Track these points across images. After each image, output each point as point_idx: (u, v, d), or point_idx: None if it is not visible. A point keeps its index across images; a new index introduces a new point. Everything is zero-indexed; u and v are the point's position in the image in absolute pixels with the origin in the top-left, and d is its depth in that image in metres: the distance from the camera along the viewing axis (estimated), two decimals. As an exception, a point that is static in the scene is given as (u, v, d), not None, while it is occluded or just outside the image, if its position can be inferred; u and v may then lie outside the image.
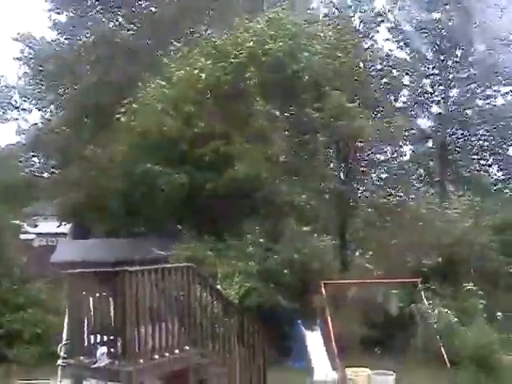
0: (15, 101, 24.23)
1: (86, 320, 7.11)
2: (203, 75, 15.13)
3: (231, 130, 15.08)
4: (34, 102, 24.38)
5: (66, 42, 23.31)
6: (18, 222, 18.30)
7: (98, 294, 7.09)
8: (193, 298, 7.82)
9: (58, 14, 23.01)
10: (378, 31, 19.81)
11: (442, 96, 21.26)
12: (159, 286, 7.28)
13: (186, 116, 15.36)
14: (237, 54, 15.12)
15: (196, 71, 15.31)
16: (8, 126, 24.53)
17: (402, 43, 20.95)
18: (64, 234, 23.89)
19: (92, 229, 22.47)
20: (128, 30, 22.88)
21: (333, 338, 11.48)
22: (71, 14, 22.98)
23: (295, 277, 12.50)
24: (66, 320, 7.77)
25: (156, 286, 7.21)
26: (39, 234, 23.25)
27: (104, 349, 6.79)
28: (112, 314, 6.93)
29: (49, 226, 24.09)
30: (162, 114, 15.47)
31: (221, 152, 14.64)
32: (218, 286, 9.70)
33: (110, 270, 7.23)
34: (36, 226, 20.90)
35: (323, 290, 12.25)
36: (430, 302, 12.27)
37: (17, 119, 24.63)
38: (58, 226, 23.00)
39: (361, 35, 17.89)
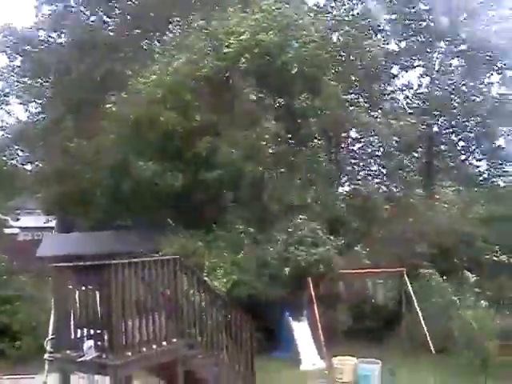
0: None
1: (72, 313, 7.05)
2: (197, 64, 15.03)
3: (222, 119, 15.04)
4: (16, 94, 24.00)
5: (50, 34, 22.97)
6: (1, 215, 18.10)
7: (83, 288, 7.03)
8: (179, 290, 7.80)
9: (43, 5, 22.63)
10: (370, 24, 19.70)
11: (429, 87, 21.34)
12: (145, 279, 7.25)
13: (178, 105, 15.27)
14: (230, 43, 15.02)
15: (192, 57, 15.21)
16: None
17: (390, 34, 20.95)
18: (50, 228, 23.67)
19: (77, 222, 22.30)
20: (114, 21, 22.62)
21: (320, 328, 11.57)
22: (55, 7, 22.64)
23: (284, 268, 12.52)
24: (53, 314, 7.71)
25: (142, 279, 7.18)
26: (24, 228, 23.02)
27: (91, 342, 6.75)
28: (98, 307, 6.89)
29: (33, 219, 23.87)
30: (153, 103, 15.33)
31: (211, 143, 14.59)
32: (206, 278, 9.69)
33: (96, 263, 7.17)
34: (18, 219, 20.68)
35: (310, 281, 12.32)
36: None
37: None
38: (46, 222, 22.81)
39: (351, 27, 17.83)
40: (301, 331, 12.08)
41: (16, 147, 23.31)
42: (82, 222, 21.75)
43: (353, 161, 20.43)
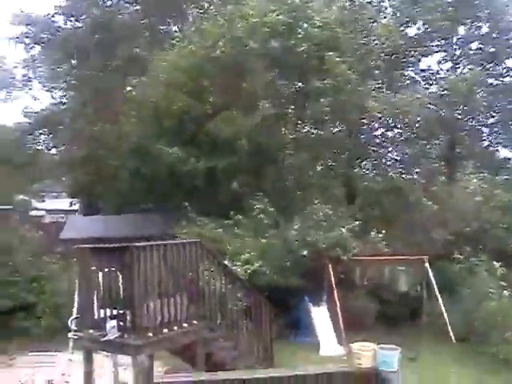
0: (21, 79, 24.09)
1: (95, 294, 7.21)
2: (213, 47, 15.04)
3: (238, 102, 15.02)
4: (39, 80, 24.28)
5: (69, 19, 23.05)
6: (27, 198, 18.47)
7: (106, 269, 7.18)
8: (201, 273, 7.91)
9: None
10: (385, 7, 19.33)
11: (450, 72, 20.87)
12: (167, 261, 7.36)
13: (194, 88, 15.31)
14: (240, 26, 14.98)
15: (207, 42, 15.21)
16: (15, 104, 24.32)
17: (407, 19, 20.46)
18: (74, 211, 24.09)
19: (100, 205, 22.64)
20: (132, 5, 22.60)
21: (339, 313, 11.59)
22: None
23: (303, 252, 12.52)
24: (77, 294, 7.89)
25: (164, 261, 7.29)
26: (49, 211, 23.48)
27: (113, 322, 6.91)
28: (121, 288, 7.03)
29: (58, 202, 24.31)
30: (171, 86, 15.40)
31: (229, 128, 14.60)
32: (226, 262, 9.77)
33: (119, 245, 7.30)
34: (43, 201, 21.08)
35: (330, 266, 12.31)
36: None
37: (22, 97, 24.53)
38: (70, 205, 23.20)
39: (366, 11, 17.50)
40: (320, 316, 12.11)
41: (40, 132, 23.68)
42: (105, 205, 22.08)
43: (373, 147, 20.15)
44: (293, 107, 15.12)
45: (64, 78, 23.05)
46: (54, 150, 24.26)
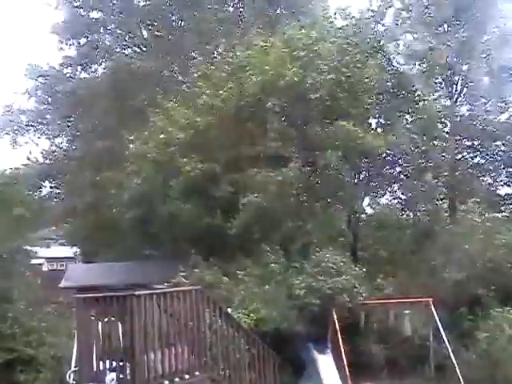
0: (26, 125, 24.48)
1: (94, 345, 7.06)
2: (222, 97, 15.18)
3: (246, 156, 15.03)
4: (44, 127, 24.66)
5: (77, 72, 23.61)
6: (28, 246, 18.36)
7: (106, 319, 7.05)
8: (202, 322, 7.76)
9: (68, 45, 23.24)
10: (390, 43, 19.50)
11: (451, 109, 21.01)
12: (168, 310, 7.23)
13: (201, 142, 15.33)
14: (251, 78, 15.07)
15: (217, 92, 15.37)
16: (19, 150, 24.61)
17: (411, 58, 20.71)
18: (73, 258, 23.95)
19: (101, 253, 22.51)
20: (137, 54, 23.11)
21: (344, 359, 11.30)
22: (80, 46, 23.25)
23: (308, 299, 12.34)
24: (75, 345, 7.72)
25: (165, 311, 7.17)
26: (49, 259, 23.34)
27: (113, 375, 6.73)
28: (121, 339, 6.88)
29: (58, 250, 24.19)
30: (174, 143, 15.49)
31: (237, 180, 14.58)
32: (229, 310, 9.59)
33: (118, 294, 7.20)
34: (48, 247, 21.02)
35: (334, 312, 12.11)
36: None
37: (27, 143, 24.85)
38: (76, 253, 23.05)
39: (372, 50, 17.82)
40: (325, 364, 11.79)
41: (42, 178, 23.85)
42: (105, 253, 21.95)
43: (375, 184, 20.14)
44: (295, 151, 15.20)
45: (71, 127, 23.42)
46: (55, 197, 24.40)
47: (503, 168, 21.21)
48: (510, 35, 18.62)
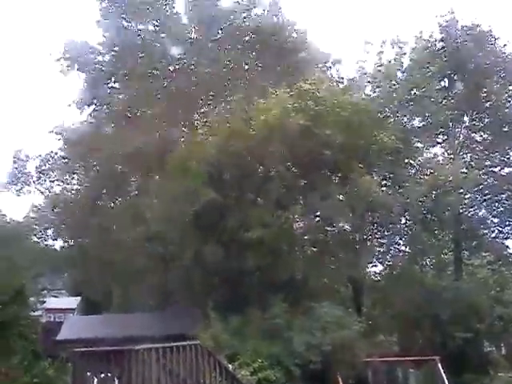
0: (31, 175, 24.61)
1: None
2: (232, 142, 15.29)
3: (253, 199, 15.03)
4: (50, 176, 24.79)
5: (88, 118, 23.83)
6: (32, 298, 18.13)
7: (102, 375, 6.83)
8: (202, 379, 7.51)
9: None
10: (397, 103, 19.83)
11: (454, 162, 21.04)
12: (167, 366, 7.01)
13: (217, 186, 15.32)
14: (260, 124, 15.18)
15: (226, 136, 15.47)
16: (24, 198, 24.59)
17: (412, 112, 21.01)
18: (72, 310, 23.52)
19: (101, 304, 22.11)
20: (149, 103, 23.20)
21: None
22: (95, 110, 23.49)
23: (312, 355, 11.98)
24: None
25: (163, 366, 6.95)
26: (47, 310, 22.93)
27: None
28: (117, 396, 6.64)
29: (57, 301, 23.81)
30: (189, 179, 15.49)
31: (243, 226, 14.52)
32: (230, 366, 9.29)
33: (116, 348, 7.01)
34: (44, 302, 20.66)
35: (338, 369, 11.76)
36: None
37: (30, 192, 24.90)
38: (78, 307, 22.56)
39: (381, 108, 18.17)
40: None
41: (46, 226, 23.78)
42: (105, 304, 21.58)
43: (381, 241, 19.97)
44: (302, 202, 15.20)
45: (79, 173, 23.42)
46: (57, 247, 24.24)
47: (509, 221, 21.10)
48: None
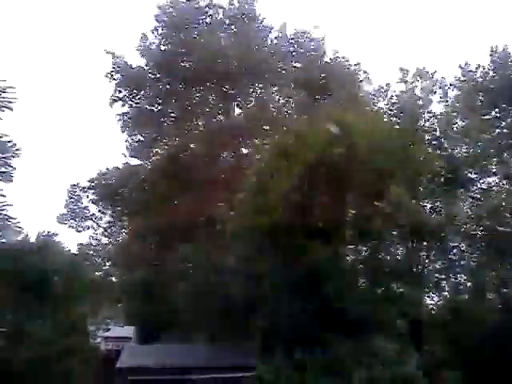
0: (89, 210, 25.57)
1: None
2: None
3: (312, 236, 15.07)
4: (105, 211, 25.64)
5: (138, 161, 24.63)
6: (91, 327, 18.64)
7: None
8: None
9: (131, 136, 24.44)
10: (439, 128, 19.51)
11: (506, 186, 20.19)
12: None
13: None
14: (303, 156, 15.33)
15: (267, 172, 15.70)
16: (83, 233, 25.77)
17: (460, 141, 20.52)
18: (128, 339, 23.93)
19: (158, 333, 22.37)
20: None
21: None
22: (141, 138, 24.38)
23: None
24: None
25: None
26: (106, 338, 23.43)
27: None
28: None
29: (116, 330, 24.32)
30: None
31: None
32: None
33: (175, 377, 7.12)
34: (108, 329, 21.17)
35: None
36: None
37: (89, 228, 25.89)
38: (137, 332, 23.04)
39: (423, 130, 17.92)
40: None
41: (103, 258, 24.64)
42: (162, 333, 21.83)
43: (439, 273, 19.22)
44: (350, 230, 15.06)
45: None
46: (113, 278, 24.97)
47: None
48: None
